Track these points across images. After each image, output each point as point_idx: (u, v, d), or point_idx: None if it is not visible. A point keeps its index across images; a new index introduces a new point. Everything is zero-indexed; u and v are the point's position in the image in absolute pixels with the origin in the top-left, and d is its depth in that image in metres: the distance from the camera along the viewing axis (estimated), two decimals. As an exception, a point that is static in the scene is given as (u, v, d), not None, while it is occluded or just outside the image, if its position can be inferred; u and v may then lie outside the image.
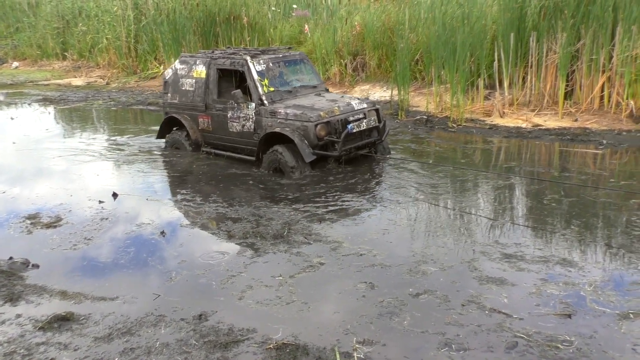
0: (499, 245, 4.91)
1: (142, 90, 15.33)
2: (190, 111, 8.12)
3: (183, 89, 8.13)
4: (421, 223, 5.59)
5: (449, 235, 5.23)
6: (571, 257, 4.61)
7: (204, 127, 8.02)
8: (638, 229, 5.12)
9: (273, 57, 7.68)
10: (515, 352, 3.40)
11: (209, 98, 7.82)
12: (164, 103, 8.58)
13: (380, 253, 4.84)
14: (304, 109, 7.01)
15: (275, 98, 7.35)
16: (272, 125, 7.12)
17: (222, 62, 7.70)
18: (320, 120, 6.84)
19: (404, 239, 5.16)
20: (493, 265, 4.50)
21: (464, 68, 9.94)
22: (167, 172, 7.73)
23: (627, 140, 8.30)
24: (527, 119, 9.61)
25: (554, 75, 9.69)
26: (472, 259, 4.64)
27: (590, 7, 9.13)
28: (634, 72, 8.79)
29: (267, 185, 6.89)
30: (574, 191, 6.23)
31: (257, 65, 7.39)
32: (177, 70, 8.23)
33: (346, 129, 6.95)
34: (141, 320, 3.98)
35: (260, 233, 5.40)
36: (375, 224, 5.58)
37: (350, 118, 7.08)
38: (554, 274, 4.32)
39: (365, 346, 3.52)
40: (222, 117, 7.69)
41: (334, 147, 6.94)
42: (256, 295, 4.23)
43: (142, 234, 5.62)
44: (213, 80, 7.79)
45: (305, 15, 15.15)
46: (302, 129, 6.84)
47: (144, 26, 16.50)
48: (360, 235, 5.28)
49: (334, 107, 7.09)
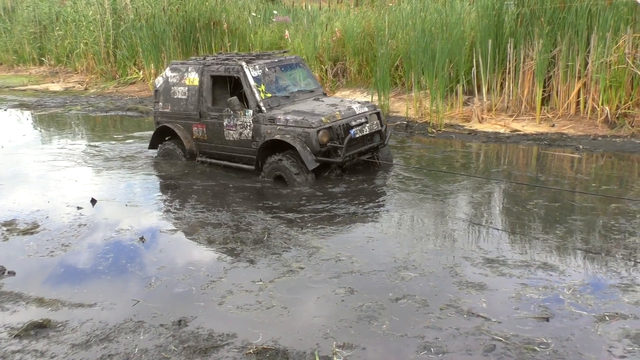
0: (482, 250, 4.93)
1: (121, 96, 15.21)
2: (183, 120, 7.87)
3: (175, 97, 7.89)
4: (407, 230, 5.57)
5: (434, 241, 5.22)
6: (552, 262, 4.65)
7: (199, 136, 7.78)
8: (618, 233, 5.19)
9: (269, 62, 7.47)
10: (493, 354, 3.44)
11: (203, 106, 7.58)
12: (155, 112, 8.31)
13: (360, 259, 4.83)
14: (304, 114, 6.80)
15: (273, 104, 7.14)
16: (272, 133, 6.89)
17: (216, 68, 7.46)
18: (322, 126, 6.63)
19: (387, 245, 5.14)
20: (475, 271, 4.52)
21: (443, 74, 10.04)
22: (146, 178, 7.67)
23: (602, 145, 8.45)
24: (505, 125, 9.73)
25: (531, 81, 9.84)
26: (454, 265, 4.65)
27: (566, 14, 9.30)
28: (609, 79, 8.96)
29: (247, 190, 6.87)
30: (558, 196, 6.29)
31: (252, 71, 7.19)
32: (168, 79, 7.98)
33: (349, 134, 6.74)
34: (120, 327, 3.94)
35: (241, 238, 5.39)
36: (359, 230, 5.54)
37: (352, 123, 6.89)
38: (535, 279, 4.36)
39: (344, 350, 3.52)
40: (218, 125, 7.46)
41: (337, 153, 6.73)
42: (236, 300, 4.22)
43: (121, 240, 5.57)
44: (207, 88, 7.54)
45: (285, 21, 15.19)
46: (304, 136, 6.62)
47: (123, 31, 16.39)
48: (341, 241, 5.28)
49: (335, 112, 6.89)
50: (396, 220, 5.81)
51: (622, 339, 3.54)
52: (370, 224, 5.69)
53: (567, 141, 8.74)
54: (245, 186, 7.00)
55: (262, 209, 6.20)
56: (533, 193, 6.40)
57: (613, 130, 8.91)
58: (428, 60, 10.07)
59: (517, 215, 5.84)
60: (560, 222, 5.52)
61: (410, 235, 5.40)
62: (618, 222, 5.45)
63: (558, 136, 8.99)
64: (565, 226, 5.44)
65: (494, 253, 4.86)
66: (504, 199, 6.41)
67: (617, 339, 3.54)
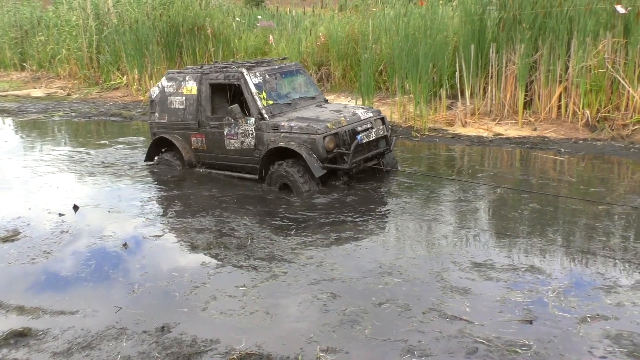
0: (470, 254, 4.91)
1: (105, 101, 15.11)
2: (181, 130, 7.67)
3: (172, 107, 7.69)
4: (397, 236, 5.52)
5: (424, 247, 5.17)
6: (539, 265, 4.66)
7: (198, 147, 7.59)
8: (604, 236, 5.23)
9: (269, 69, 7.34)
10: (476, 357, 3.45)
11: (202, 115, 7.40)
12: (151, 123, 8.08)
13: (345, 265, 4.82)
14: (309, 121, 6.67)
15: (275, 111, 6.99)
16: (276, 140, 6.74)
17: (215, 76, 7.29)
18: (328, 132, 6.50)
19: (374, 252, 5.08)
20: (461, 275, 4.50)
21: (427, 78, 10.11)
22: (130, 184, 7.61)
23: (583, 149, 8.55)
24: (488, 128, 9.82)
25: (514, 85, 9.94)
26: (442, 270, 4.63)
27: (547, 19, 9.42)
28: (589, 83, 9.09)
29: (231, 195, 6.85)
30: (550, 200, 6.32)
31: (254, 78, 7.04)
32: (165, 88, 7.77)
33: (356, 140, 6.60)
34: (102, 334, 3.90)
35: (224, 244, 5.37)
36: (347, 237, 5.46)
37: (358, 128, 6.77)
38: (520, 282, 4.36)
39: (328, 354, 3.52)
40: (218, 134, 7.28)
41: (343, 159, 6.59)
42: (219, 306, 4.20)
43: (104, 246, 5.52)
44: (205, 97, 7.36)
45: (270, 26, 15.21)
46: (310, 142, 6.48)
47: (106, 36, 16.30)
48: (327, 247, 5.25)
49: (341, 118, 6.76)
50: (387, 227, 5.80)
51: (602, 339, 3.57)
52: (360, 231, 5.62)
53: (549, 144, 8.84)
54: (230, 192, 6.98)
55: (246, 214, 6.18)
56: (527, 197, 6.39)
57: (594, 133, 9.03)
58: (412, 65, 10.13)
59: (508, 219, 5.85)
60: (550, 225, 5.56)
61: (400, 242, 5.35)
62: (603, 224, 5.52)
63: (540, 140, 9.09)
64: (555, 229, 5.48)
65: (482, 257, 4.85)
66: (499, 203, 6.37)
67: (598, 339, 3.58)
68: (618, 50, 8.94)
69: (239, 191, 6.96)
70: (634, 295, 4.11)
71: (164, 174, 7.84)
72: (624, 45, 8.90)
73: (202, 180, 7.45)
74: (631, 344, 3.51)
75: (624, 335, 3.61)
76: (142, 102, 14.47)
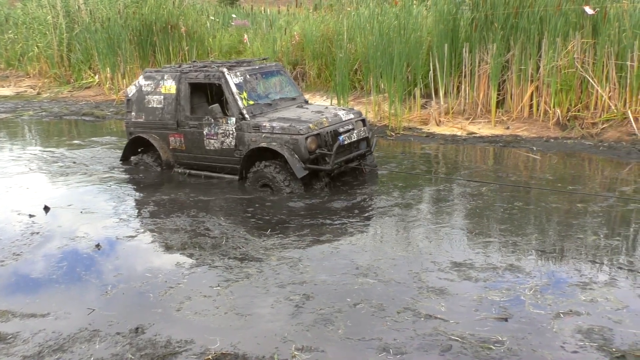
0: (449, 254, 4.92)
1: (76, 101, 14.87)
2: (159, 130, 7.54)
3: (150, 106, 7.55)
4: (375, 237, 5.50)
5: (403, 248, 5.15)
6: (518, 264, 4.68)
7: (176, 147, 7.47)
8: (581, 233, 5.30)
9: (250, 69, 7.27)
10: (450, 354, 3.48)
11: (181, 115, 7.28)
12: (127, 123, 7.91)
13: (320, 265, 4.81)
14: (290, 121, 6.63)
15: (256, 112, 6.92)
16: (257, 141, 6.69)
17: (195, 75, 7.19)
18: (311, 133, 6.45)
19: (351, 254, 5.05)
20: (440, 275, 4.50)
21: (401, 78, 10.18)
22: (102, 184, 7.49)
23: (554, 147, 8.71)
24: (462, 127, 9.93)
25: (487, 84, 10.07)
26: (422, 270, 4.61)
27: (518, 19, 9.56)
28: (559, 82, 9.26)
29: (205, 195, 6.80)
30: (534, 198, 6.42)
31: (234, 78, 6.96)
32: (142, 87, 7.63)
33: (338, 141, 6.58)
34: (74, 336, 3.84)
35: (199, 243, 5.33)
36: (324, 238, 5.43)
37: (340, 129, 6.76)
38: (499, 281, 4.38)
39: (304, 353, 3.52)
40: (197, 134, 7.18)
41: (325, 160, 6.56)
42: (194, 306, 4.17)
43: (76, 247, 5.43)
44: (185, 96, 7.25)
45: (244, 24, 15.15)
46: (292, 143, 6.43)
47: (77, 35, 16.03)
48: (304, 248, 5.24)
49: (322, 119, 6.73)
50: (366, 228, 5.76)
51: (575, 334, 3.63)
52: (337, 232, 5.59)
53: (521, 143, 8.98)
54: (205, 192, 6.93)
55: (221, 214, 6.14)
56: (509, 195, 6.45)
57: (564, 132, 9.20)
58: (386, 64, 10.19)
59: (489, 218, 5.87)
60: (530, 223, 5.61)
61: (378, 243, 5.32)
62: (582, 221, 5.60)
63: (512, 138, 9.22)
64: (534, 226, 5.53)
65: (461, 257, 4.85)
66: (479, 201, 6.36)
67: (570, 335, 3.63)
68: (587, 50, 9.12)
69: (214, 191, 6.91)
70: (607, 291, 4.17)
71: (138, 174, 7.75)
72: (592, 46, 9.09)
73: (178, 181, 7.38)
74: (602, 339, 3.57)
75: (595, 330, 3.67)
76: (115, 102, 14.28)
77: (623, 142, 8.51)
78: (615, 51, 8.86)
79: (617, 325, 3.72)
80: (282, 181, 6.56)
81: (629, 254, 4.89)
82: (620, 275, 4.45)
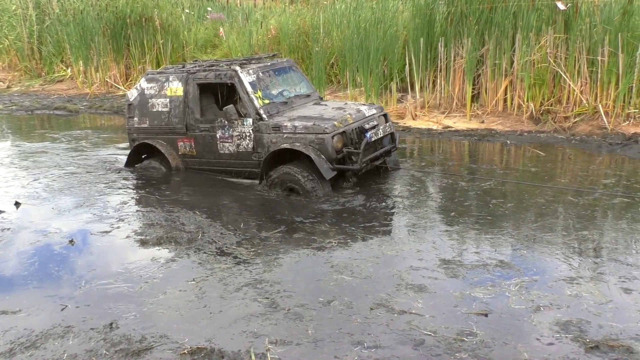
0: (436, 250, 4.86)
1: (48, 94, 14.59)
2: (166, 135, 7.11)
3: (154, 110, 7.09)
4: (356, 234, 5.33)
5: (389, 246, 5.05)
6: (508, 260, 4.64)
7: (186, 152, 7.05)
8: (573, 228, 5.30)
9: (262, 67, 6.89)
10: (423, 347, 3.49)
11: (190, 118, 6.86)
12: (129, 129, 7.40)
13: (296, 261, 4.78)
14: (313, 119, 6.27)
15: (272, 111, 6.54)
16: (277, 142, 6.32)
17: (204, 75, 6.76)
18: (336, 131, 6.14)
19: (330, 250, 4.98)
20: (423, 274, 4.44)
21: (378, 72, 10.22)
22: (75, 179, 7.36)
23: (527, 140, 8.83)
24: (437, 121, 10.00)
25: (462, 79, 10.16)
26: (408, 267, 4.55)
27: (492, 14, 9.66)
28: (533, 77, 9.38)
29: (180, 189, 6.75)
30: (510, 191, 6.45)
31: (247, 76, 6.59)
32: (144, 90, 7.16)
33: (365, 138, 6.24)
34: (47, 333, 3.78)
35: (175, 238, 5.28)
36: (303, 235, 5.33)
37: (366, 126, 6.44)
38: (485, 278, 4.33)
39: (277, 346, 3.52)
40: (210, 138, 6.78)
41: (351, 159, 6.27)
42: (169, 301, 4.14)
43: (49, 243, 5.34)
44: (193, 98, 6.83)
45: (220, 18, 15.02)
46: (318, 142, 6.09)
47: (49, 27, 15.71)
48: (279, 244, 5.20)
49: (346, 116, 6.38)
50: (349, 225, 5.56)
51: (552, 327, 3.66)
52: (321, 230, 5.38)
53: (495, 137, 9.09)
54: (180, 186, 6.87)
55: (197, 208, 6.09)
56: (504, 189, 6.44)
57: (537, 125, 9.34)
58: (363, 59, 10.21)
59: (483, 213, 5.78)
60: (522, 218, 5.58)
61: (360, 243, 5.15)
62: (574, 215, 5.60)
63: (487, 132, 9.33)
64: (527, 221, 5.50)
65: (449, 253, 4.79)
66: (478, 197, 6.29)
67: (548, 327, 3.65)
68: (559, 45, 9.26)
69: (188, 184, 6.85)
70: (594, 286, 4.18)
71: (113, 169, 7.64)
72: (564, 41, 9.23)
73: (152, 174, 7.29)
74: (578, 330, 3.61)
75: (573, 322, 3.70)
76: (88, 95, 14.06)
77: (594, 135, 8.66)
78: (587, 46, 9.01)
79: (596, 318, 3.75)
80: (309, 183, 6.20)
81: (617, 249, 4.85)
82: (608, 270, 4.43)
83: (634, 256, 4.68)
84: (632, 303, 3.95)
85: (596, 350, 3.42)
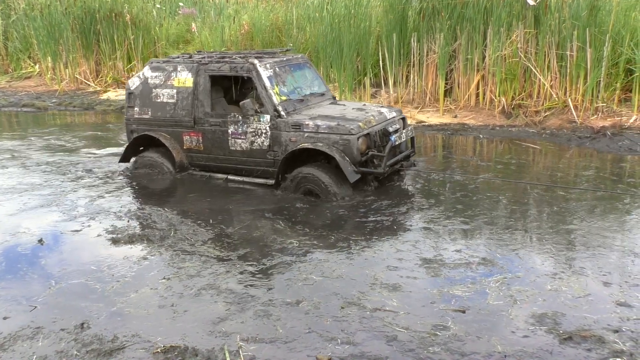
0: (417, 249, 4.82)
1: (16, 91, 14.25)
2: (170, 128, 6.75)
3: (158, 101, 6.75)
4: (337, 232, 5.25)
5: (369, 244, 4.99)
6: (490, 258, 4.63)
7: (192, 147, 6.69)
8: (562, 223, 5.33)
9: (278, 62, 6.58)
10: (396, 342, 3.50)
11: (199, 111, 6.52)
12: (128, 119, 7.03)
13: (268, 260, 4.72)
14: (337, 119, 5.99)
15: (289, 108, 6.24)
16: (297, 141, 6.02)
17: (217, 67, 6.42)
18: (362, 132, 5.87)
19: (304, 247, 4.94)
20: (401, 274, 4.40)
21: (351, 67, 10.23)
22: (44, 176, 7.20)
23: (499, 134, 8.95)
24: (411, 116, 10.04)
25: (434, 74, 10.23)
26: (387, 267, 4.52)
27: (464, 9, 9.74)
28: (504, 72, 9.50)
29: (152, 185, 6.66)
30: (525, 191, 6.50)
31: (265, 71, 6.30)
32: (148, 79, 6.81)
33: (390, 141, 6.01)
34: (16, 335, 3.69)
35: (147, 235, 5.21)
36: (278, 235, 5.26)
37: (389, 128, 6.20)
38: (467, 276, 4.33)
39: (249, 344, 3.50)
40: (220, 133, 6.44)
41: (374, 163, 6.03)
42: (141, 300, 4.08)
43: (17, 243, 5.22)
44: (204, 90, 6.48)
45: (192, 13, 14.84)
46: (342, 144, 5.83)
47: (14, 22, 15.34)
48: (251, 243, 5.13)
49: (369, 117, 6.11)
50: (331, 223, 5.47)
51: (528, 319, 3.69)
52: (299, 230, 5.32)
53: (468, 131, 9.18)
54: (153, 181, 6.78)
55: (169, 206, 6.02)
56: (505, 189, 6.40)
57: (509, 120, 9.46)
58: (336, 54, 10.22)
59: (471, 210, 5.74)
60: (507, 214, 5.60)
61: (344, 238, 5.10)
62: (561, 210, 5.64)
63: (460, 126, 9.42)
64: (510, 217, 5.52)
65: (431, 252, 4.76)
66: (466, 196, 6.24)
67: (524, 321, 3.69)
68: (529, 41, 9.39)
69: (162, 181, 6.77)
70: (576, 280, 4.22)
71: (86, 165, 7.50)
72: (534, 36, 9.36)
73: (126, 171, 7.18)
74: (553, 322, 3.65)
75: (549, 314, 3.74)
76: (58, 92, 13.78)
77: (564, 129, 8.81)
78: (556, 41, 9.15)
79: (572, 310, 3.79)
80: (333, 187, 5.91)
81: (600, 244, 4.87)
82: (589, 265, 4.46)
83: (614, 250, 4.73)
84: (607, 295, 4.01)
85: (569, 341, 3.47)
